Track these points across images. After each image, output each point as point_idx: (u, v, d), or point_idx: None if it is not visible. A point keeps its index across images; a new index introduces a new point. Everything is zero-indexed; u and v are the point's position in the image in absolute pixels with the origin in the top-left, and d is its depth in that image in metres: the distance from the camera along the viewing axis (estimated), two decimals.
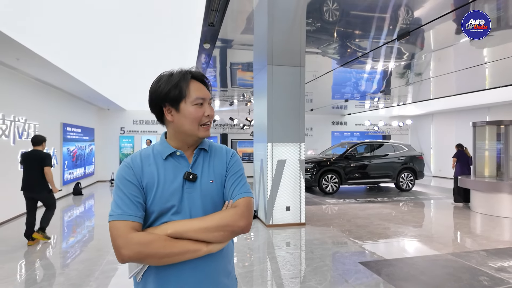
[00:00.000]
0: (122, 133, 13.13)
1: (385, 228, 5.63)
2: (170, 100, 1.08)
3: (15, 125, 6.38)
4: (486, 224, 6.08)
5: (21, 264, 4.01)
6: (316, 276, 3.55)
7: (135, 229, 0.98)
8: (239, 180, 1.13)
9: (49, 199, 4.87)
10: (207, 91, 1.13)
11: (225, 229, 1.01)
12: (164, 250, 0.96)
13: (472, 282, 3.39)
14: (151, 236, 0.97)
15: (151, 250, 0.95)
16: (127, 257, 0.95)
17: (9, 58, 5.43)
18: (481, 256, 4.21)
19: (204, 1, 3.60)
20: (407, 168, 10.07)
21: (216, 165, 1.14)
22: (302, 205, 5.75)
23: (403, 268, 3.79)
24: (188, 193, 1.06)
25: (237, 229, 1.03)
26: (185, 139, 1.12)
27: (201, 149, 1.15)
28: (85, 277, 3.50)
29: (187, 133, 1.10)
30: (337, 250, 4.47)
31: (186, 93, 1.07)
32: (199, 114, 1.08)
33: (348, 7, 4.76)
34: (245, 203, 1.07)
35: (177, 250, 0.97)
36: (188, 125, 1.08)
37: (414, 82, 9.54)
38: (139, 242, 0.95)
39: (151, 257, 0.96)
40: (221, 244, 1.04)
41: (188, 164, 1.11)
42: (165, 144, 1.13)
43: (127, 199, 1.01)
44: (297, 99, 5.76)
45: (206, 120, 1.10)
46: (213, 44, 5.18)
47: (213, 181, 1.11)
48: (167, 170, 1.08)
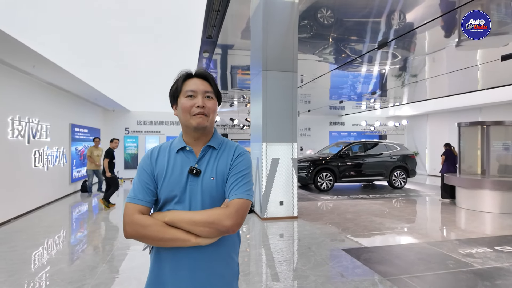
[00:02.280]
0: (126, 133, 13.64)
1: (371, 221, 6.08)
2: (172, 97, 1.23)
3: (29, 126, 6.89)
4: (466, 218, 6.52)
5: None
6: (301, 260, 4.02)
7: (141, 212, 1.13)
8: (239, 180, 1.16)
9: (108, 180, 7.37)
10: (203, 85, 1.19)
11: (210, 226, 1.07)
12: (158, 234, 1.08)
13: (439, 265, 3.84)
14: (150, 220, 1.11)
15: (148, 232, 1.09)
16: (129, 234, 1.11)
17: (26, 65, 5.93)
18: (453, 245, 4.66)
19: (203, 17, 4.07)
20: (399, 166, 10.51)
21: (221, 163, 1.20)
22: (295, 200, 6.22)
23: (380, 254, 4.24)
24: (191, 186, 1.16)
25: (222, 228, 1.08)
26: (187, 131, 1.21)
27: (210, 147, 1.22)
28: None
29: (184, 124, 1.20)
30: (324, 239, 4.93)
31: (181, 89, 1.20)
32: (189, 104, 1.17)
33: (340, 15, 5.24)
34: (237, 205, 1.10)
35: (168, 236, 1.08)
36: (182, 116, 1.19)
37: (409, 83, 9.99)
38: (139, 223, 1.10)
39: (147, 238, 1.10)
40: (209, 239, 1.10)
41: (195, 159, 1.20)
42: (180, 139, 1.24)
43: (140, 185, 1.17)
44: (290, 102, 6.22)
45: (198, 111, 1.16)
46: (212, 52, 5.66)
47: (214, 178, 1.17)
48: (176, 162, 1.19)
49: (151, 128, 13.92)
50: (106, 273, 3.60)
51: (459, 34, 6.12)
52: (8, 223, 5.90)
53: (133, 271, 3.72)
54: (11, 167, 6.14)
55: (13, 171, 6.21)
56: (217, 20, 4.05)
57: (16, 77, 6.38)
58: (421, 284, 3.29)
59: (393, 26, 5.54)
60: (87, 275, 3.51)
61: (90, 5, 4.05)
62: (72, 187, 9.58)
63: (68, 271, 3.68)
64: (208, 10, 3.79)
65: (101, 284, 3.29)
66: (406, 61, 7.73)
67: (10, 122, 6.12)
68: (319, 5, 5.15)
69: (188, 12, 4.37)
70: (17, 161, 6.41)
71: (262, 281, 3.43)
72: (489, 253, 4.28)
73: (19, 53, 5.27)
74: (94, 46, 5.72)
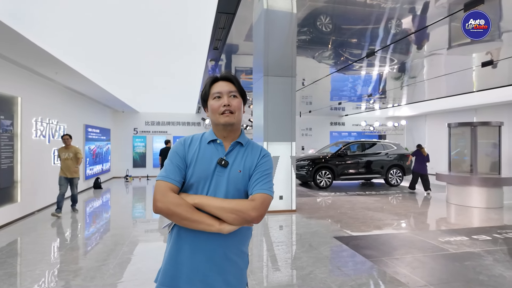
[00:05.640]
0: (135, 133, 14.26)
1: (364, 214, 6.59)
2: (203, 100, 1.37)
3: (50, 126, 7.50)
4: (453, 212, 7.00)
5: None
6: (296, 245, 4.57)
7: (172, 190, 1.21)
8: (263, 177, 1.26)
9: None
10: (227, 86, 1.31)
11: (237, 213, 1.16)
12: (186, 214, 1.16)
13: (418, 250, 4.35)
14: (181, 200, 1.18)
15: (177, 210, 1.16)
16: (159, 209, 1.17)
17: (49, 71, 6.53)
18: (435, 234, 5.16)
19: (210, 32, 4.61)
20: (395, 165, 10.99)
21: (248, 159, 1.30)
22: (293, 194, 6.75)
23: (367, 241, 4.76)
24: (218, 175, 1.25)
25: (247, 217, 1.17)
26: (218, 129, 1.32)
27: (238, 143, 1.33)
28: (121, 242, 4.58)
29: (214, 122, 1.32)
30: (318, 229, 5.46)
31: (210, 92, 1.32)
32: (216, 105, 1.29)
33: (338, 22, 5.77)
34: (262, 198, 1.20)
35: (196, 218, 1.16)
36: (212, 116, 1.31)
37: (408, 85, 10.48)
38: (171, 201, 1.17)
39: (175, 215, 1.17)
40: (232, 227, 1.18)
41: (224, 151, 1.30)
42: (212, 133, 1.34)
43: (172, 166, 1.25)
44: (289, 104, 6.75)
45: (224, 109, 1.27)
46: (217, 61, 6.21)
47: (241, 171, 1.27)
48: (206, 152, 1.29)
49: (158, 128, 14.52)
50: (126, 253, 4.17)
51: (449, 41, 6.63)
52: (33, 215, 6.51)
53: (150, 252, 4.29)
54: (35, 164, 6.75)
55: (37, 168, 6.82)
56: (223, 35, 4.60)
57: (39, 82, 7.00)
58: (399, 264, 3.81)
59: (379, 36, 6.06)
60: (111, 255, 4.09)
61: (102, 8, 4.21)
62: (86, 184, 10.20)
63: (93, 252, 4.26)
64: (215, 27, 4.33)
65: (123, 263, 3.86)
66: (404, 65, 8.24)
67: (34, 123, 6.73)
68: (318, 12, 5.68)
69: (197, 23, 4.87)
70: (40, 159, 7.03)
71: (263, 261, 3.98)
72: (466, 240, 4.78)
73: (44, 60, 5.86)
74: (107, 50, 6.04)
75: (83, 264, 3.85)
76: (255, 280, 3.39)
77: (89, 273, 3.54)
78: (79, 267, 3.75)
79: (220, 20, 4.15)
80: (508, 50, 6.75)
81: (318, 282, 3.31)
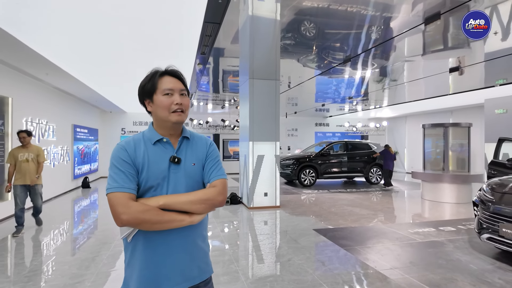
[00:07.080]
0: (123, 133, 14.37)
1: (343, 210, 7.02)
2: (147, 93, 1.29)
3: (39, 126, 7.64)
4: (426, 207, 7.51)
5: None
6: (279, 237, 4.93)
7: (132, 199, 1.16)
8: (216, 164, 1.33)
9: None
10: (178, 83, 1.29)
11: (206, 202, 1.22)
12: (156, 217, 1.15)
13: (388, 240, 4.78)
14: (146, 206, 1.15)
15: (146, 217, 1.13)
16: (126, 222, 1.12)
17: (40, 72, 6.69)
18: (405, 226, 5.62)
19: (198, 38, 4.92)
20: (376, 164, 11.52)
21: (198, 151, 1.34)
22: (277, 191, 7.12)
23: (344, 233, 5.17)
24: (174, 173, 1.25)
25: (216, 203, 1.25)
26: (164, 125, 1.29)
27: (184, 137, 1.34)
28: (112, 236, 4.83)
29: (163, 119, 1.28)
30: (299, 223, 5.83)
31: (157, 86, 1.27)
32: (167, 102, 1.26)
33: (321, 27, 6.17)
34: (222, 183, 1.29)
35: (167, 218, 1.16)
36: (161, 113, 1.27)
37: (390, 87, 11.01)
38: (137, 210, 1.13)
39: (145, 222, 1.14)
40: (200, 216, 1.23)
41: (173, 149, 1.29)
42: (153, 131, 1.31)
43: (124, 175, 1.18)
44: (273, 106, 7.12)
45: (176, 108, 1.26)
46: (205, 64, 6.52)
47: (195, 164, 1.31)
48: (155, 153, 1.26)
49: (146, 128, 14.60)
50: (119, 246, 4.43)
51: (424, 47, 7.13)
52: None
53: None
54: None
55: None
56: (210, 41, 4.92)
57: (30, 83, 7.14)
58: (369, 252, 4.22)
59: (361, 41, 6.50)
60: (103, 248, 4.34)
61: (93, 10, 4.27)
62: (74, 183, 10.31)
63: (85, 245, 4.50)
64: (203, 35, 4.64)
65: (115, 254, 4.13)
66: (384, 68, 8.72)
67: (24, 123, 6.87)
68: (301, 19, 6.05)
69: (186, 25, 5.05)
70: None
71: (248, 250, 4.31)
72: (433, 231, 5.24)
73: (35, 62, 6.03)
74: (96, 50, 6.04)
75: (77, 256, 4.09)
76: (239, 267, 3.72)
77: (84, 263, 3.81)
78: (71, 259, 3.99)
79: (207, 29, 4.46)
80: (477, 57, 7.30)
81: (296, 267, 3.67)
